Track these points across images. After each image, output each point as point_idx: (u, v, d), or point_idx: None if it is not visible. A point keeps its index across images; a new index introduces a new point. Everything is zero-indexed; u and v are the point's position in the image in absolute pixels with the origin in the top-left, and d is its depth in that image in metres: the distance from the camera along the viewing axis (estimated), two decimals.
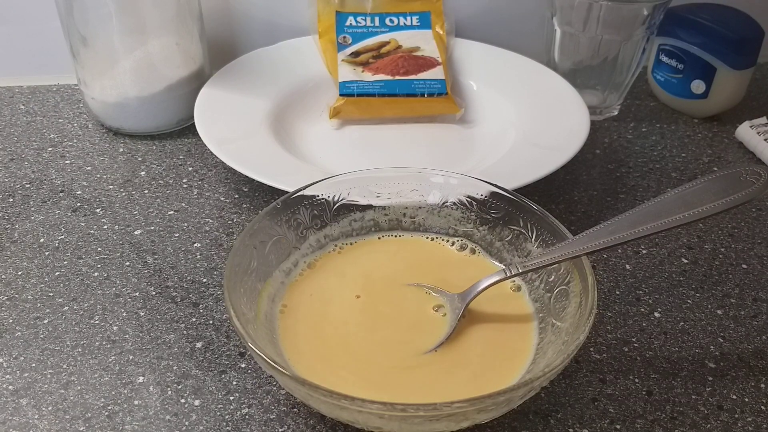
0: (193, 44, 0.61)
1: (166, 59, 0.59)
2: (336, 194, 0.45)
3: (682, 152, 0.62)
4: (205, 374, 0.41)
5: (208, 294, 0.46)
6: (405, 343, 0.39)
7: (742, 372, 0.42)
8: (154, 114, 0.61)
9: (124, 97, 0.59)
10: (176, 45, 0.59)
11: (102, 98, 0.60)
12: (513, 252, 0.44)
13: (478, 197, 0.45)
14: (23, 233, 0.51)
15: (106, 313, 0.45)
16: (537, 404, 0.40)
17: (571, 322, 0.37)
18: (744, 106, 0.67)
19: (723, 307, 0.47)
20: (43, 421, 0.38)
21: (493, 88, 0.64)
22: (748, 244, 0.52)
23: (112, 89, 0.59)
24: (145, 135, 0.62)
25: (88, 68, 0.59)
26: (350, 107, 0.61)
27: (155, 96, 0.60)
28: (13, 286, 0.47)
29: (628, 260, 0.50)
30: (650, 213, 0.39)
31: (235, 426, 0.38)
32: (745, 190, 0.38)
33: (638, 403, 0.40)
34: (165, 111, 0.61)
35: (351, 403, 0.32)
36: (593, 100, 0.65)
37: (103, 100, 0.60)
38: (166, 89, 0.60)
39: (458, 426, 0.34)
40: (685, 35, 0.64)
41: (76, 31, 0.57)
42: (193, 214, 0.53)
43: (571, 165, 0.56)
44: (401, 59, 0.64)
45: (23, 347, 0.42)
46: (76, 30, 0.57)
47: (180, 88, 0.61)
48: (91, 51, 0.58)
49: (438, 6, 0.69)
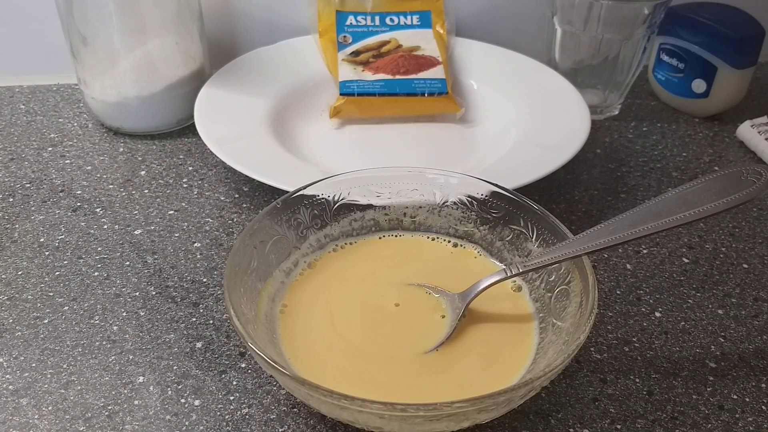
0: (193, 44, 0.61)
1: (165, 59, 0.59)
2: (336, 194, 0.45)
3: (682, 152, 0.62)
4: (206, 374, 0.41)
5: (208, 294, 0.46)
6: (405, 343, 0.39)
7: (743, 372, 0.42)
8: (154, 113, 0.61)
9: (124, 97, 0.59)
10: (176, 44, 0.59)
11: (102, 98, 0.60)
12: (513, 252, 0.44)
13: (479, 197, 0.45)
14: (23, 233, 0.51)
15: (106, 312, 0.45)
16: (538, 404, 0.40)
17: (571, 322, 0.37)
18: (745, 105, 0.67)
19: (724, 306, 0.47)
20: (43, 420, 0.38)
21: (494, 87, 0.64)
22: (749, 243, 0.52)
23: (112, 89, 0.59)
24: (145, 135, 0.62)
25: (88, 68, 0.59)
26: (350, 107, 0.61)
27: (155, 95, 0.60)
28: (13, 286, 0.47)
29: (628, 260, 0.50)
30: (651, 212, 0.39)
31: (236, 426, 0.38)
32: (746, 189, 0.38)
33: (639, 403, 0.40)
34: (165, 110, 0.61)
35: (351, 403, 0.32)
36: (594, 100, 0.65)
37: (103, 99, 0.60)
38: (166, 89, 0.60)
39: (459, 426, 0.34)
40: (686, 34, 0.64)
41: (76, 30, 0.57)
42: (193, 213, 0.53)
43: (572, 164, 0.56)
44: (401, 58, 0.64)
45: (23, 347, 0.42)
46: (76, 29, 0.57)
47: (180, 88, 0.61)
48: (91, 50, 0.58)
49: (438, 5, 0.69)
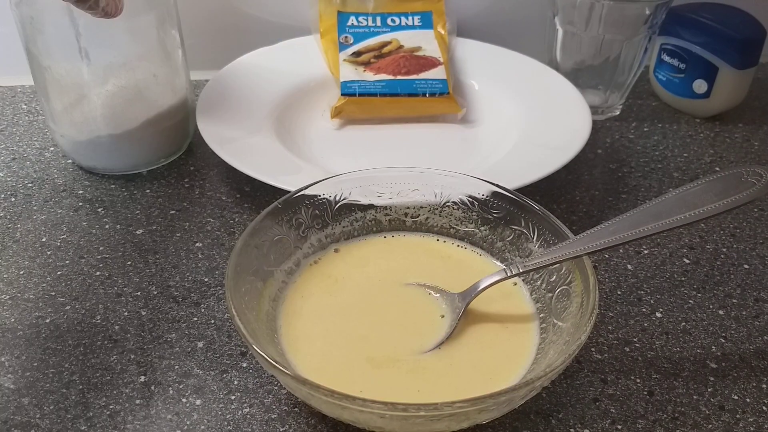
0: (174, 74, 0.55)
1: (142, 93, 0.54)
2: (337, 194, 0.45)
3: (683, 152, 0.62)
4: (207, 374, 0.41)
5: (209, 293, 0.46)
6: (406, 343, 0.39)
7: (744, 372, 0.42)
8: (131, 152, 0.55)
9: (96, 135, 0.54)
10: (154, 77, 0.54)
11: (72, 136, 0.54)
12: (514, 252, 0.44)
13: (480, 197, 0.45)
14: (25, 232, 0.51)
15: (107, 312, 0.45)
16: (538, 404, 0.40)
17: (572, 322, 0.37)
18: (746, 105, 0.67)
19: (725, 307, 0.47)
20: (45, 420, 0.38)
21: (495, 87, 0.64)
22: (749, 244, 0.52)
23: (83, 125, 0.54)
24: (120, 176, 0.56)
25: (53, 102, 0.53)
26: (352, 107, 0.61)
27: (132, 133, 0.54)
28: (15, 286, 0.47)
29: (629, 260, 0.50)
30: (652, 213, 0.39)
31: (237, 425, 0.38)
32: (747, 190, 0.38)
33: (640, 404, 0.40)
34: (143, 149, 0.56)
35: (352, 402, 0.32)
36: (595, 100, 0.65)
37: (73, 137, 0.55)
38: (144, 125, 0.54)
39: (459, 426, 0.34)
40: (687, 35, 0.64)
41: (38, 62, 0.51)
42: (194, 213, 0.53)
43: (573, 165, 0.56)
44: (403, 59, 0.64)
45: (25, 346, 0.42)
46: (37, 59, 0.51)
47: (159, 123, 0.55)
48: (56, 84, 0.52)
49: (440, 6, 0.69)
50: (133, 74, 0.53)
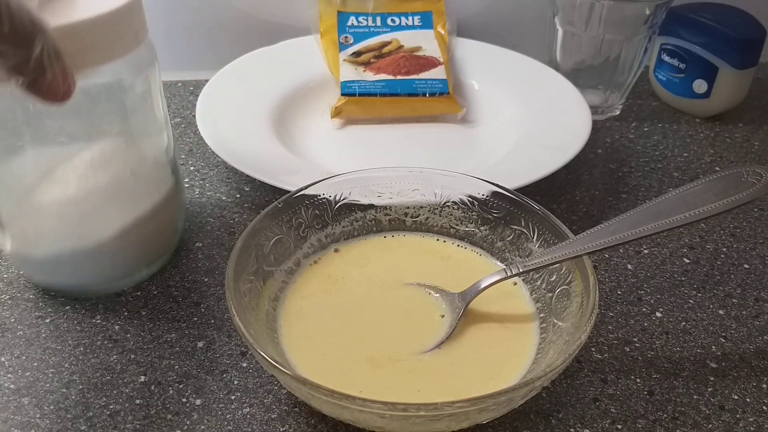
0: (157, 166, 0.43)
1: (114, 194, 0.41)
2: (337, 194, 0.45)
3: (683, 152, 0.62)
4: (207, 374, 0.41)
5: (209, 293, 0.46)
6: (406, 343, 0.39)
7: (744, 372, 0.42)
8: (100, 269, 0.44)
9: (55, 251, 0.42)
10: (131, 174, 0.42)
11: (24, 251, 0.43)
12: (514, 252, 0.44)
13: (480, 197, 0.45)
14: None
15: (107, 312, 0.45)
16: (538, 404, 0.40)
17: (572, 322, 0.37)
18: (746, 105, 0.67)
19: (725, 307, 0.47)
20: (45, 420, 0.38)
21: (495, 87, 0.64)
22: (750, 244, 0.52)
23: (36, 238, 0.42)
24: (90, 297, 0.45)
25: None
26: (352, 107, 0.61)
27: (100, 247, 0.42)
28: (15, 285, 0.47)
29: (629, 260, 0.50)
30: (652, 213, 0.39)
31: (237, 425, 0.38)
32: (747, 190, 0.38)
33: (640, 403, 0.40)
34: (116, 264, 0.44)
35: (352, 402, 0.32)
36: (595, 100, 0.65)
37: (24, 254, 0.43)
38: (117, 236, 0.42)
39: (459, 426, 0.34)
40: (687, 35, 0.64)
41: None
42: (194, 213, 0.53)
43: (573, 165, 0.56)
44: (403, 59, 0.64)
45: (25, 346, 0.42)
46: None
47: (138, 230, 0.43)
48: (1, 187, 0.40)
49: (439, 6, 0.69)
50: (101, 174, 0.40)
